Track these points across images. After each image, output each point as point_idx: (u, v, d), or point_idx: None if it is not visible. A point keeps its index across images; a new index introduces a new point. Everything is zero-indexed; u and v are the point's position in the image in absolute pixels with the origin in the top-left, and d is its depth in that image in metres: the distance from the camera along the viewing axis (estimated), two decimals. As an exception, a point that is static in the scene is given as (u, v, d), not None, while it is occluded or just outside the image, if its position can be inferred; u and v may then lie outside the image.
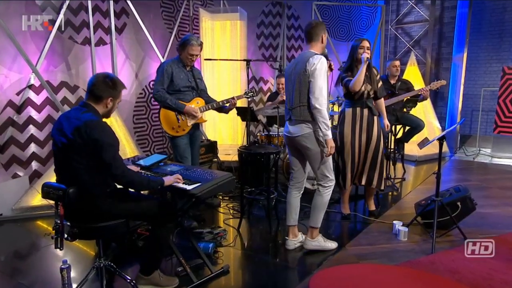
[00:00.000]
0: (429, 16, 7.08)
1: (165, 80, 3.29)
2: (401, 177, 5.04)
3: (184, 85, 3.36)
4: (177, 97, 3.34)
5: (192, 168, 2.68)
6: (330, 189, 2.90)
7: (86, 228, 2.16)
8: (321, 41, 2.80)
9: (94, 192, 2.11)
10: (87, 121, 2.06)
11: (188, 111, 3.33)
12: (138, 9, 4.72)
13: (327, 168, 2.84)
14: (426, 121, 6.52)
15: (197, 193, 2.27)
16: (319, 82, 2.63)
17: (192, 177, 2.47)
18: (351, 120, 3.41)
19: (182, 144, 3.40)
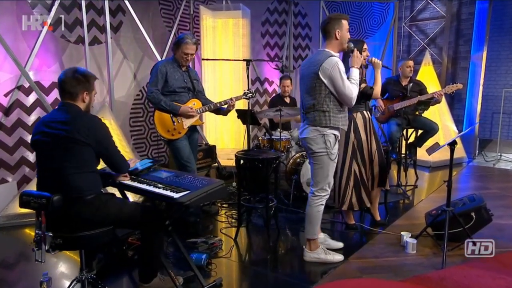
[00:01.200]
0: (445, 12, 6.96)
1: (159, 81, 3.27)
2: (413, 184, 4.93)
3: (180, 86, 3.34)
4: (172, 99, 3.31)
5: (183, 175, 2.64)
6: (321, 200, 2.84)
7: (70, 238, 2.13)
8: (335, 37, 2.70)
9: (82, 195, 2.10)
10: (77, 117, 2.10)
11: (184, 111, 3.30)
12: (136, 7, 4.72)
13: (325, 178, 2.79)
14: (442, 124, 6.43)
15: (184, 202, 2.23)
16: (341, 87, 2.60)
17: (181, 184, 2.43)
18: (363, 125, 3.34)
19: (182, 146, 3.35)
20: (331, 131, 2.73)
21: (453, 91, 4.49)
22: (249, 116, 3.99)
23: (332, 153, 2.76)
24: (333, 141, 2.75)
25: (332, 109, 2.69)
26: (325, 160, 2.76)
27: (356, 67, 2.76)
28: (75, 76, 2.16)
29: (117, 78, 4.85)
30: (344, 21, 2.72)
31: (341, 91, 2.62)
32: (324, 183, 2.82)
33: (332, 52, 2.69)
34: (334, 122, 2.71)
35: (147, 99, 3.34)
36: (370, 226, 3.59)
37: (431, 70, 6.63)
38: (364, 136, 3.35)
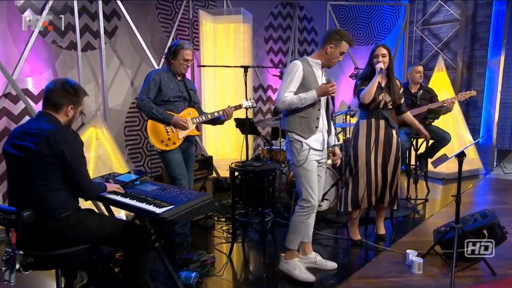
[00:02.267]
0: (460, 15, 6.86)
1: (151, 89, 3.23)
2: (423, 198, 4.82)
3: (175, 95, 3.30)
4: (167, 108, 3.28)
5: (170, 188, 2.61)
6: (304, 211, 2.80)
7: (44, 257, 2.09)
8: (325, 51, 2.75)
9: (55, 213, 2.05)
10: (52, 130, 2.04)
11: (177, 121, 3.25)
12: (133, 11, 4.73)
13: (306, 187, 2.77)
14: (456, 133, 6.30)
15: (167, 217, 2.19)
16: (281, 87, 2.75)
17: (166, 198, 2.40)
18: (365, 133, 3.34)
19: (174, 158, 3.30)
20: (296, 136, 2.76)
21: (466, 99, 4.41)
22: (247, 125, 3.93)
23: (298, 160, 2.75)
24: (299, 147, 2.75)
25: (290, 112, 2.77)
26: (296, 169, 2.79)
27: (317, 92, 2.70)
28: (64, 87, 2.13)
29: (113, 86, 4.84)
30: (345, 43, 2.72)
31: (280, 87, 2.75)
32: (303, 194, 2.80)
33: (310, 58, 2.78)
34: (290, 126, 2.77)
35: (137, 107, 3.30)
36: (374, 243, 3.51)
37: (444, 76, 6.51)
38: (362, 144, 3.32)
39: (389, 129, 3.34)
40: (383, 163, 3.36)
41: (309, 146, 2.75)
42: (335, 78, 6.98)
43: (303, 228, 2.86)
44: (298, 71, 2.70)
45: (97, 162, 4.02)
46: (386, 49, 3.29)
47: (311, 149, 2.76)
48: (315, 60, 2.79)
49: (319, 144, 2.83)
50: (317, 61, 2.79)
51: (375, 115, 3.32)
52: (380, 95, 3.28)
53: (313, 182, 2.77)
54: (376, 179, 3.36)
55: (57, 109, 2.13)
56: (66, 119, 2.18)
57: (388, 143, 3.34)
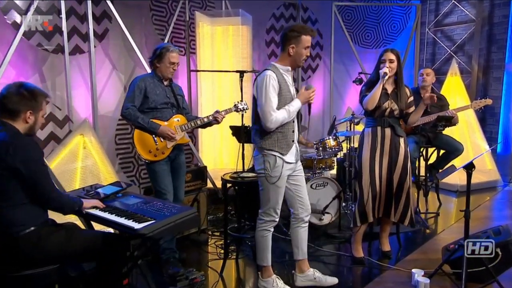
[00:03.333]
0: (475, 16, 6.77)
1: (136, 96, 3.22)
2: (435, 212, 4.73)
3: (162, 102, 3.28)
4: (154, 116, 3.26)
5: (153, 201, 2.59)
6: (265, 225, 2.86)
7: (8, 278, 2.04)
8: (288, 53, 2.71)
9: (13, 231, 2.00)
10: (5, 141, 1.99)
11: (163, 132, 3.21)
12: (127, 13, 4.72)
13: (267, 202, 2.80)
14: (471, 142, 6.21)
15: (147, 233, 2.16)
16: (261, 103, 2.64)
17: (147, 212, 2.38)
18: (370, 142, 3.31)
19: (161, 170, 3.28)
20: (271, 151, 2.73)
21: (481, 108, 4.31)
22: (243, 133, 3.88)
23: (272, 176, 2.74)
24: (272, 163, 2.73)
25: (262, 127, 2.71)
26: (264, 183, 2.78)
27: (301, 100, 2.73)
28: (19, 92, 2.07)
29: (105, 91, 4.83)
30: (304, 36, 2.68)
31: (261, 107, 2.64)
32: (266, 207, 2.82)
33: (278, 64, 2.74)
34: (267, 144, 2.74)
35: (121, 116, 3.28)
36: (379, 260, 3.45)
37: (458, 81, 6.43)
38: (367, 154, 3.30)
39: (396, 138, 3.31)
40: (388, 174, 3.32)
41: (283, 161, 2.75)
42: (342, 83, 6.98)
43: (267, 242, 2.88)
44: (274, 83, 2.65)
45: (84, 173, 4.00)
46: (395, 54, 3.26)
47: (285, 163, 2.76)
48: (285, 67, 2.75)
49: (293, 156, 2.83)
50: (287, 68, 2.76)
51: (380, 123, 3.30)
52: (386, 102, 3.25)
53: (281, 198, 2.82)
54: (380, 190, 3.33)
55: (13, 116, 2.08)
56: (26, 127, 2.12)
57: (394, 152, 3.30)
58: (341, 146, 4.33)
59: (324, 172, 4.41)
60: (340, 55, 6.85)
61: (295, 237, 2.99)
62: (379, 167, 3.31)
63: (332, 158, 4.38)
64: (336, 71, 6.76)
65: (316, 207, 4.00)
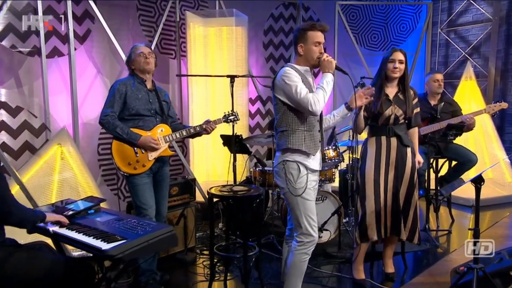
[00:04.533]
0: (492, 15, 6.73)
1: (116, 102, 3.18)
2: (446, 229, 4.66)
3: (144, 108, 3.24)
4: (136, 124, 3.23)
5: (127, 218, 2.54)
6: (305, 248, 2.75)
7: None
8: (298, 53, 2.75)
9: None
10: None
11: (145, 143, 3.17)
12: (113, 13, 4.70)
13: (299, 220, 2.72)
14: (489, 152, 6.13)
15: (115, 255, 2.10)
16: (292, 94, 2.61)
17: (119, 230, 2.33)
18: (374, 152, 3.28)
19: (141, 184, 3.24)
20: (293, 156, 2.70)
21: (496, 112, 4.27)
22: (234, 143, 3.85)
23: (296, 188, 2.68)
24: (296, 173, 2.68)
25: (290, 127, 2.70)
26: (290, 198, 2.72)
27: (327, 71, 2.71)
28: None
29: (89, 97, 4.80)
30: (310, 32, 2.68)
31: (294, 98, 2.62)
32: (301, 228, 2.73)
33: (296, 65, 2.75)
34: (293, 143, 2.69)
35: (99, 124, 3.24)
36: (381, 283, 3.40)
37: (473, 85, 6.38)
38: (371, 165, 3.27)
39: (402, 148, 3.28)
40: (394, 187, 3.28)
41: (307, 169, 2.71)
42: (346, 88, 6.91)
43: (305, 268, 2.81)
44: (296, 74, 2.66)
45: (61, 186, 3.96)
46: (403, 54, 3.25)
47: (309, 173, 2.72)
48: (304, 67, 2.76)
49: (317, 163, 2.81)
50: (305, 68, 2.76)
51: (385, 132, 3.27)
52: (389, 109, 3.22)
53: (314, 212, 2.75)
54: (386, 205, 3.28)
55: None
56: None
57: (401, 164, 3.27)
58: (342, 157, 4.28)
59: (324, 185, 4.37)
60: (345, 58, 6.80)
61: None
62: (384, 180, 3.27)
63: (333, 170, 4.32)
64: (340, 76, 6.64)
65: None
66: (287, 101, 2.66)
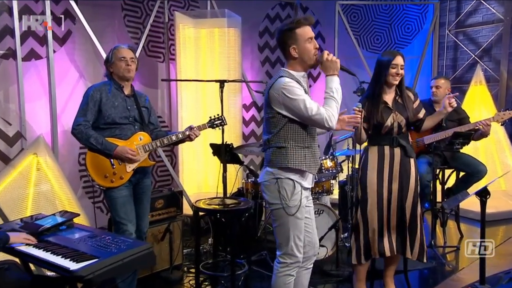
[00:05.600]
0: (504, 14, 6.70)
1: (90, 110, 3.15)
2: (454, 246, 4.60)
3: (121, 116, 3.21)
4: (113, 133, 3.19)
5: (102, 235, 2.50)
6: (289, 269, 2.69)
7: None
8: (291, 56, 2.62)
9: None
10: None
11: (121, 153, 3.13)
12: (97, 13, 4.68)
13: (287, 240, 2.66)
14: (501, 162, 6.08)
15: (85, 276, 2.06)
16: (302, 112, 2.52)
17: (91, 248, 2.29)
18: (377, 163, 3.24)
19: (120, 198, 3.20)
20: (288, 174, 2.61)
21: (505, 120, 4.22)
22: (223, 153, 3.82)
23: (290, 206, 2.61)
24: (290, 190, 2.61)
25: (290, 144, 2.62)
26: (282, 216, 2.64)
27: (332, 73, 2.61)
28: None
29: (70, 103, 4.77)
30: (299, 30, 2.58)
31: (304, 115, 2.53)
32: (287, 247, 2.66)
33: (291, 71, 2.64)
34: (292, 162, 2.60)
35: (72, 134, 3.20)
36: None
37: (484, 91, 6.35)
38: (373, 176, 3.23)
39: (406, 159, 3.25)
40: (398, 201, 3.24)
41: (302, 186, 2.66)
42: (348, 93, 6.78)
43: None
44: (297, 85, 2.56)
45: (37, 200, 3.90)
46: (403, 58, 3.21)
47: (303, 189, 2.67)
48: (299, 72, 2.65)
49: (311, 180, 2.77)
50: (301, 74, 2.66)
51: (388, 141, 3.23)
52: (390, 117, 3.19)
53: (302, 232, 2.69)
54: (389, 220, 3.24)
55: None
56: None
57: (405, 176, 3.24)
58: (340, 168, 4.24)
59: (321, 197, 4.33)
60: (346, 61, 6.74)
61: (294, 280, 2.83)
62: (388, 193, 3.23)
63: (330, 181, 4.29)
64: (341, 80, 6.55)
65: None
66: (291, 115, 2.57)
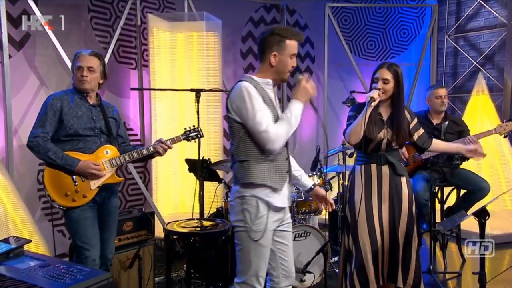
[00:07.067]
0: (507, 18, 6.79)
1: (49, 120, 3.11)
2: (456, 271, 4.59)
3: (85, 127, 3.17)
4: (75, 147, 3.15)
5: (55, 264, 2.42)
6: None
7: None
8: (269, 63, 2.62)
9: None
10: None
11: (84, 169, 3.09)
12: (62, 14, 4.61)
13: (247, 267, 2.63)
14: (505, 177, 6.13)
15: None
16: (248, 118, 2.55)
17: (41, 280, 2.19)
18: (364, 183, 3.25)
19: (81, 220, 3.15)
20: (253, 191, 2.59)
21: (508, 132, 4.24)
22: (200, 169, 3.80)
23: (254, 230, 2.57)
24: (254, 211, 2.58)
25: (251, 157, 2.60)
26: (244, 240, 2.62)
27: (301, 100, 2.63)
28: None
29: (30, 114, 4.72)
30: (289, 41, 2.59)
31: (249, 124, 2.55)
32: (247, 274, 2.63)
33: (257, 77, 2.65)
34: (256, 177, 2.59)
35: (28, 147, 3.14)
36: None
37: (486, 100, 6.42)
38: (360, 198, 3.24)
39: (396, 178, 3.27)
40: (390, 224, 3.25)
41: (269, 207, 2.62)
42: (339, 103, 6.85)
43: None
44: (255, 93, 2.56)
45: (-12, 223, 3.84)
46: (391, 72, 3.22)
47: (270, 212, 2.62)
48: (265, 79, 2.66)
49: (284, 198, 2.71)
50: (267, 81, 2.66)
51: (375, 159, 3.27)
52: (381, 132, 3.22)
53: (266, 261, 2.66)
54: (383, 244, 3.24)
55: None
56: None
57: (395, 197, 3.26)
58: (329, 185, 4.24)
59: (309, 218, 4.31)
60: (336, 68, 6.85)
61: None
62: (379, 214, 3.25)
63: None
64: (331, 89, 6.76)
65: (295, 264, 3.81)
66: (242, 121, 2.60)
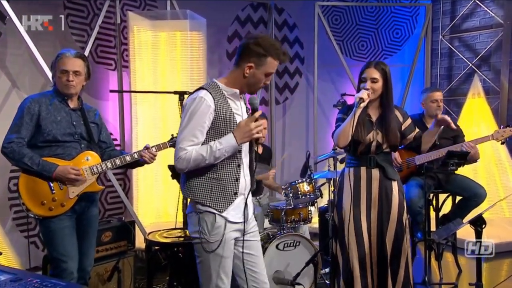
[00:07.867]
0: (503, 18, 6.85)
1: (25, 125, 3.09)
2: (452, 283, 4.60)
3: (65, 132, 3.16)
4: (53, 152, 3.13)
5: (27, 278, 2.37)
6: None
7: None
8: (244, 73, 2.55)
9: None
10: None
11: (63, 174, 3.07)
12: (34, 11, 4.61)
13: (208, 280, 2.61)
14: (503, 185, 6.17)
15: None
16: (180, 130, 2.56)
17: None
18: (352, 187, 3.29)
19: (59, 230, 3.13)
20: (203, 207, 2.57)
21: (505, 139, 4.29)
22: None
23: (210, 242, 2.55)
24: (210, 222, 2.55)
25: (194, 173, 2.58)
26: (201, 252, 2.60)
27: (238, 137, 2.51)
28: None
29: (0, 116, 4.69)
30: (271, 60, 2.52)
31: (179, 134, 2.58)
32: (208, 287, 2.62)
33: (222, 85, 2.59)
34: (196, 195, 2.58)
35: (1, 153, 3.12)
36: None
37: (482, 104, 6.48)
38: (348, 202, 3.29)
39: (387, 182, 3.32)
40: (378, 230, 3.30)
41: (225, 220, 2.59)
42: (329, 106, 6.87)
43: None
44: (204, 110, 2.50)
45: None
46: (379, 71, 3.26)
47: (228, 222, 2.60)
48: (230, 89, 2.60)
49: (239, 213, 2.65)
50: (233, 91, 2.60)
51: (365, 162, 3.32)
52: (370, 134, 3.27)
53: (228, 273, 2.63)
54: (371, 252, 3.29)
55: None
56: None
57: (385, 202, 3.31)
58: (319, 192, 4.25)
59: (298, 227, 4.33)
60: (327, 70, 6.89)
61: None
62: (367, 220, 3.29)
63: (309, 208, 4.31)
64: (321, 91, 6.78)
65: (284, 276, 3.92)
66: None
